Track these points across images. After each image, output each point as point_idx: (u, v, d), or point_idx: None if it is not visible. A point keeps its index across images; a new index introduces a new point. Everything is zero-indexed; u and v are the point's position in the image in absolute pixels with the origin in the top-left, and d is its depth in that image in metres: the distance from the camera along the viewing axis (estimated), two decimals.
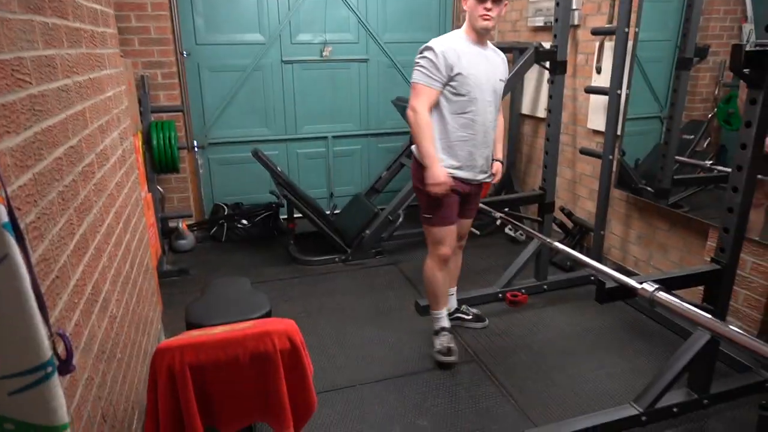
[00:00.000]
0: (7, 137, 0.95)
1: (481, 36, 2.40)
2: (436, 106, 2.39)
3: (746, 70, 1.67)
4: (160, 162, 3.64)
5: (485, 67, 2.40)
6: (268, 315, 2.02)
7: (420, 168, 2.45)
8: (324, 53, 4.56)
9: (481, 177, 2.56)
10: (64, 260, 1.19)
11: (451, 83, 2.34)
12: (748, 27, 2.74)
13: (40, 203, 1.08)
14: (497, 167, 2.66)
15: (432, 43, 2.34)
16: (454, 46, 2.33)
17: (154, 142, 3.58)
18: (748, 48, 1.63)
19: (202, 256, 4.10)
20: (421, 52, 2.36)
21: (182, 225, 4.19)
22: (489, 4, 2.29)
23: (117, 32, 2.25)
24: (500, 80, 2.48)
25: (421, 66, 2.34)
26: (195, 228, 4.42)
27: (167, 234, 4.13)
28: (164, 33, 4.00)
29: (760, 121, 1.74)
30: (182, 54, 4.21)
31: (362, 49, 4.67)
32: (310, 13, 4.45)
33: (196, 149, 4.44)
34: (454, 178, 2.46)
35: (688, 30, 2.89)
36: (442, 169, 2.38)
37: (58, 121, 1.26)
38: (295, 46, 4.49)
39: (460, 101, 2.37)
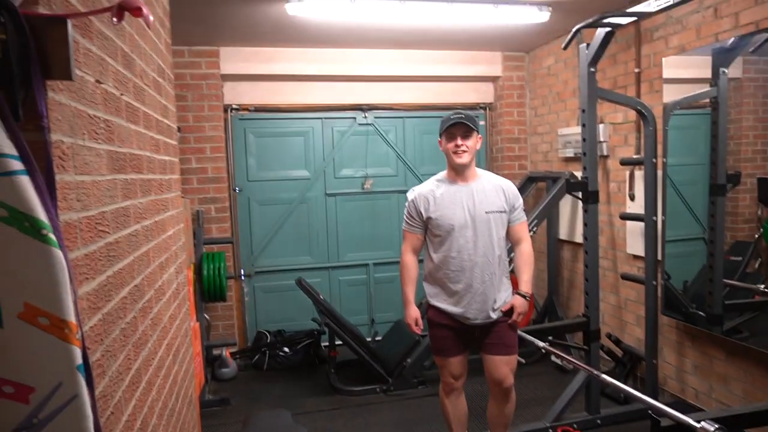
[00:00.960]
0: (85, 283, 1.07)
1: (460, 172, 2.51)
2: (427, 246, 2.59)
3: None
4: (209, 291, 3.80)
5: (467, 203, 2.47)
6: None
7: (428, 304, 2.62)
8: (365, 186, 4.85)
9: (479, 318, 2.48)
10: (119, 396, 1.26)
11: (428, 225, 2.53)
12: None
13: (105, 341, 1.18)
14: (518, 302, 2.50)
15: (410, 191, 2.64)
16: (427, 191, 2.55)
17: (205, 272, 3.77)
18: None
19: (243, 385, 4.08)
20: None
21: (226, 353, 4.24)
22: (459, 141, 2.46)
23: (180, 176, 2.51)
24: (493, 212, 2.46)
25: (404, 213, 2.64)
26: (238, 356, 4.45)
27: (211, 362, 4.17)
28: (220, 173, 4.39)
29: None
30: (235, 190, 4.56)
31: (401, 180, 4.95)
32: (352, 150, 4.83)
33: (243, 278, 4.63)
34: (445, 313, 2.52)
35: (716, 159, 2.98)
36: (413, 310, 2.60)
37: (127, 264, 1.40)
38: (338, 180, 4.81)
39: (437, 240, 2.51)
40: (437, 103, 4.94)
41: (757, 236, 2.96)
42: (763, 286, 2.89)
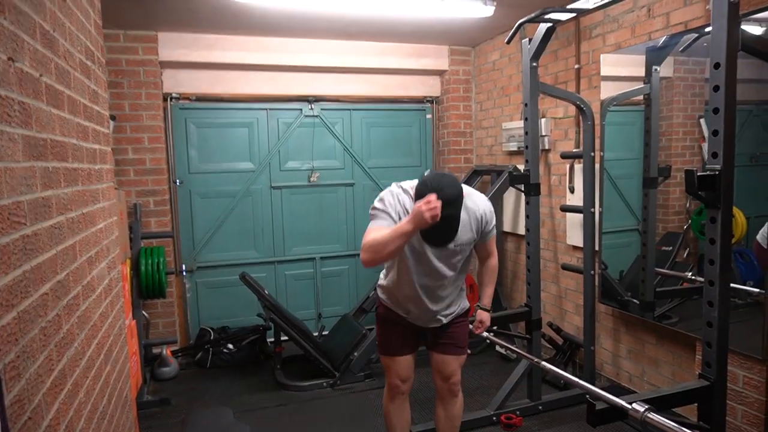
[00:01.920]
0: None
1: None
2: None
3: (701, 192, 1.80)
4: (147, 288, 3.64)
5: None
6: None
7: (379, 300, 2.48)
8: (312, 178, 4.78)
9: (429, 325, 2.38)
10: (38, 399, 1.17)
11: None
12: (707, 146, 2.97)
13: (21, 341, 1.09)
14: (483, 317, 2.51)
15: (394, 185, 2.26)
16: (408, 201, 2.16)
17: (143, 268, 3.61)
18: (699, 173, 1.77)
19: (185, 384, 3.95)
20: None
21: (166, 351, 4.09)
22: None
23: (113, 166, 2.38)
24: (462, 244, 2.23)
25: (379, 204, 2.19)
26: (179, 354, 4.30)
27: (150, 361, 4.01)
28: (159, 164, 4.21)
29: (723, 237, 1.83)
30: (175, 183, 4.39)
31: (348, 174, 4.92)
32: (298, 142, 4.74)
33: (184, 273, 4.47)
34: (395, 309, 2.39)
35: (649, 153, 3.12)
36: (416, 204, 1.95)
37: (48, 258, 1.31)
38: (283, 172, 4.72)
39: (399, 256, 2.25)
40: (385, 96, 4.93)
41: (685, 227, 3.13)
42: (690, 273, 3.06)
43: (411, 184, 2.21)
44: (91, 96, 1.92)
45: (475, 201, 2.27)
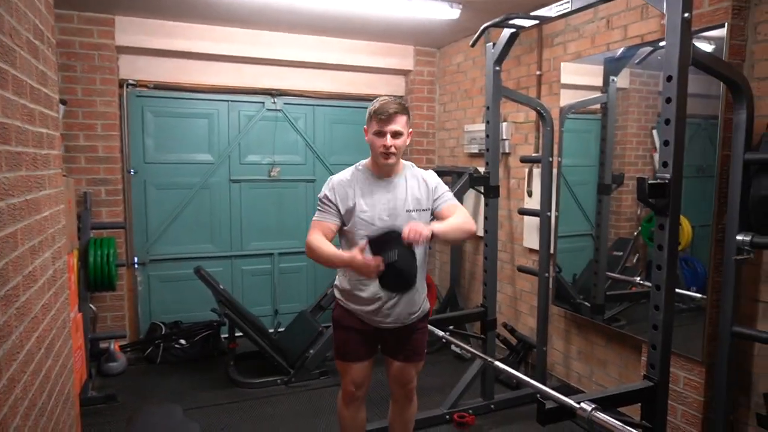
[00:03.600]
0: None
1: (384, 169, 2.23)
2: (340, 247, 2.26)
3: (651, 200, 1.86)
4: (95, 280, 3.51)
5: (388, 199, 2.21)
6: None
7: (336, 302, 2.38)
8: (272, 173, 4.71)
9: (394, 324, 2.29)
10: None
11: (344, 221, 2.23)
12: (658, 156, 3.08)
13: None
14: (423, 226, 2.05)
15: (328, 179, 2.30)
16: (346, 182, 2.23)
17: (91, 259, 3.48)
18: (650, 181, 1.83)
19: (133, 381, 3.82)
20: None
21: (114, 346, 3.95)
22: (388, 141, 2.12)
23: (62, 152, 2.28)
24: (416, 210, 2.23)
25: (318, 204, 2.29)
26: (128, 349, 4.16)
27: (97, 356, 3.87)
28: (112, 152, 4.06)
29: (670, 244, 1.90)
30: (129, 172, 4.25)
31: (309, 169, 4.87)
32: (260, 136, 4.67)
33: (136, 266, 4.33)
34: (355, 315, 2.29)
35: (604, 160, 3.21)
36: (353, 254, 2.04)
37: None
38: (243, 166, 4.64)
39: (350, 239, 2.24)
40: (349, 93, 4.90)
41: (636, 233, 3.24)
42: (639, 278, 3.17)
43: (364, 162, 2.31)
44: (39, 77, 1.83)
45: (415, 169, 2.35)
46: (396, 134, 2.16)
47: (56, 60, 2.20)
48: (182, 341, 4.21)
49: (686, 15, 1.82)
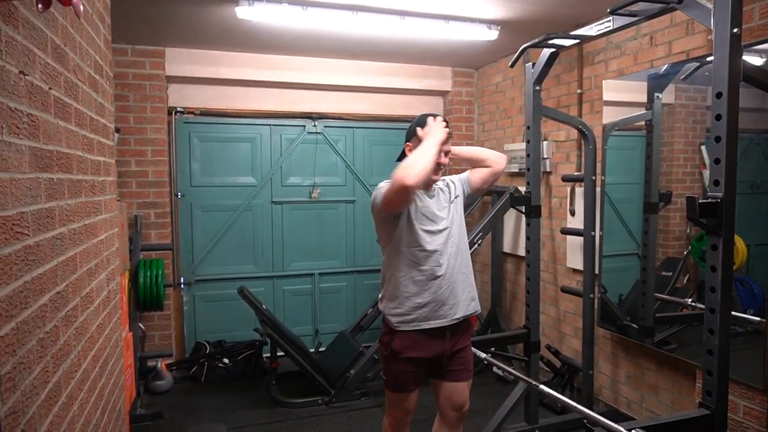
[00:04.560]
0: None
1: (430, 184, 2.29)
2: (390, 256, 2.28)
3: (702, 220, 1.80)
4: (145, 300, 3.63)
5: (440, 200, 2.32)
6: None
7: (386, 326, 2.31)
8: (313, 195, 4.80)
9: (458, 311, 2.27)
10: (33, 412, 1.16)
11: (402, 224, 2.23)
12: (707, 173, 2.98)
13: (19, 352, 1.09)
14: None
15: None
16: None
17: (141, 280, 3.60)
18: (701, 200, 1.78)
19: (179, 399, 3.91)
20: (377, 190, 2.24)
21: (161, 364, 4.06)
22: (443, 158, 2.22)
23: (116, 178, 2.39)
24: (451, 203, 2.34)
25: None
26: (174, 367, 4.27)
27: (144, 374, 3.98)
28: (161, 176, 4.23)
29: (724, 264, 1.83)
30: (176, 195, 4.40)
31: (349, 191, 4.93)
32: (301, 158, 4.77)
33: (182, 286, 4.46)
34: (417, 339, 2.23)
35: (650, 178, 3.13)
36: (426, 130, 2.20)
37: (49, 269, 1.31)
38: (285, 188, 4.74)
39: (417, 253, 2.24)
40: (388, 115, 4.97)
41: (685, 253, 3.12)
42: (690, 300, 3.05)
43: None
44: (97, 109, 1.93)
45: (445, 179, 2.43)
46: (447, 153, 2.28)
47: (112, 91, 2.33)
48: (226, 360, 4.29)
49: (735, 30, 1.78)
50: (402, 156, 2.35)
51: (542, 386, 2.57)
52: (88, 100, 1.78)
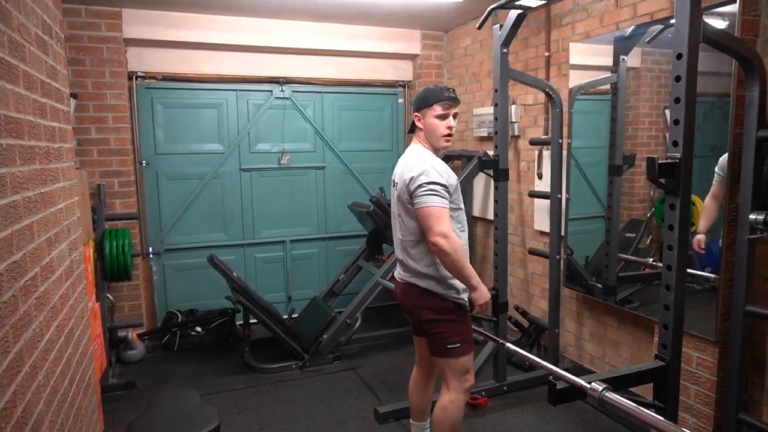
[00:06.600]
0: None
1: (442, 152, 2.38)
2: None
3: (661, 180, 1.85)
4: (111, 270, 3.57)
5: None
6: (216, 430, 1.93)
7: (435, 298, 2.29)
8: (282, 161, 4.74)
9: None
10: None
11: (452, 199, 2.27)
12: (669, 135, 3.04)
13: None
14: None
15: (426, 164, 2.20)
16: (442, 165, 2.27)
17: (107, 250, 3.53)
18: (660, 160, 1.82)
19: (151, 367, 3.90)
20: (421, 175, 2.17)
21: (132, 334, 4.03)
22: (452, 122, 2.27)
23: (74, 145, 2.31)
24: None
25: (430, 187, 2.15)
26: (146, 337, 4.25)
27: (115, 344, 3.95)
28: (124, 144, 4.10)
29: (681, 223, 1.89)
30: (141, 163, 4.29)
31: (319, 157, 4.88)
32: (269, 124, 4.68)
33: (151, 256, 4.39)
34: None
35: (615, 141, 3.18)
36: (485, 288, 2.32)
37: (2, 237, 1.27)
38: (253, 154, 4.66)
39: (458, 215, 2.33)
40: (356, 79, 4.89)
41: (649, 215, 3.21)
42: (652, 259, 3.15)
43: (422, 148, 2.32)
44: (49, 72, 1.85)
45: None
46: (456, 116, 2.32)
47: (65, 54, 2.23)
48: (198, 329, 4.28)
49: None
50: (413, 127, 2.36)
51: (510, 345, 2.64)
52: (38, 62, 1.70)
